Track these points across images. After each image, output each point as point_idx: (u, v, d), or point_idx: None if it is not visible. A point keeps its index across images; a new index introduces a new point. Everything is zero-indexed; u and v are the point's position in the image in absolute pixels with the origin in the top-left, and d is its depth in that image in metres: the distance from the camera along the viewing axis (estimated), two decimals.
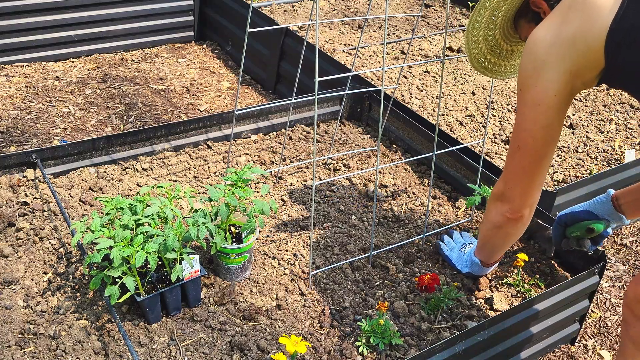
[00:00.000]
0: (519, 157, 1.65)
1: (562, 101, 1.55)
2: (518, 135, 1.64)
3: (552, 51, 1.50)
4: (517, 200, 1.73)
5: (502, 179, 1.75)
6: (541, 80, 1.53)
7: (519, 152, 1.65)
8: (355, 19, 2.23)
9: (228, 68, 3.85)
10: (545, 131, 1.58)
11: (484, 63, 1.90)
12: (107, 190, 2.41)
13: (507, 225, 1.79)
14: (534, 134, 1.59)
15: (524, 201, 1.73)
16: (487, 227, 1.88)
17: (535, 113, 1.56)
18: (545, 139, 1.60)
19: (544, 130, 1.58)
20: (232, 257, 1.98)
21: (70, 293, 1.95)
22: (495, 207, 1.80)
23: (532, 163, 1.65)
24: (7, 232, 2.15)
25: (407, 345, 1.88)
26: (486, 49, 1.85)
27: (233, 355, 1.80)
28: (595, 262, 2.08)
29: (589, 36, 1.44)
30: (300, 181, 2.62)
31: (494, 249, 1.97)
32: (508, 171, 1.72)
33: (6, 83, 3.40)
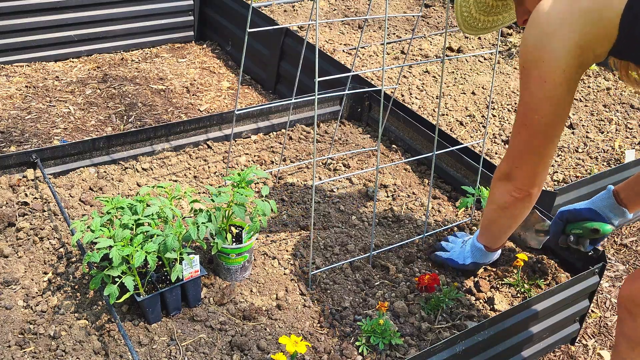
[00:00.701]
0: (526, 136, 1.58)
1: (571, 77, 1.46)
2: (524, 113, 1.56)
3: (562, 24, 1.41)
4: (524, 179, 1.67)
5: (507, 158, 1.69)
6: (548, 55, 1.44)
7: (526, 130, 1.57)
8: (355, 19, 2.23)
9: (228, 68, 3.85)
10: (553, 109, 1.50)
11: (470, 22, 1.82)
12: (107, 190, 2.41)
13: (514, 205, 1.74)
14: (542, 112, 1.51)
15: (532, 180, 1.67)
16: (492, 207, 1.82)
17: (542, 90, 1.48)
18: (553, 117, 1.52)
19: (552, 108, 1.50)
20: (232, 257, 1.98)
21: (70, 293, 1.95)
22: (500, 187, 1.74)
23: (540, 141, 1.57)
24: (7, 232, 2.15)
25: (407, 345, 1.88)
26: (474, 8, 1.78)
27: (233, 355, 1.80)
28: (595, 262, 2.08)
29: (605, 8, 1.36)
30: (300, 181, 2.62)
31: (500, 231, 1.92)
32: (514, 149, 1.65)
33: (6, 83, 3.40)
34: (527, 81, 1.51)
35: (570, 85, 1.48)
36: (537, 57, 1.46)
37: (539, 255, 2.27)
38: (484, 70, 3.78)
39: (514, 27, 4.39)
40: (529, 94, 1.51)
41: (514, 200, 1.72)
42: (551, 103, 1.49)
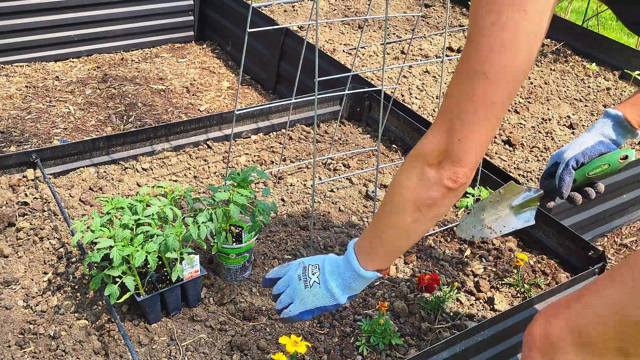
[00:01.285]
0: (484, 90, 1.11)
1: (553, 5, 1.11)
2: (487, 55, 1.09)
3: None
4: (468, 160, 1.17)
5: (442, 130, 1.17)
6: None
7: (485, 81, 1.10)
8: (355, 19, 2.23)
9: (228, 68, 3.85)
10: (529, 47, 1.10)
11: None
12: (107, 190, 2.41)
13: (444, 199, 1.22)
14: (516, 51, 1.09)
15: (476, 160, 1.18)
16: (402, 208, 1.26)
17: (517, 21, 1.07)
18: (528, 57, 1.11)
19: (528, 46, 1.10)
20: (232, 257, 1.98)
21: (70, 293, 1.95)
22: (426, 173, 1.21)
23: (503, 97, 1.13)
24: (7, 232, 2.16)
25: (407, 345, 1.88)
26: None
27: (233, 355, 1.80)
28: (595, 262, 2.08)
29: None
30: (300, 181, 2.62)
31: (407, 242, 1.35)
32: (458, 115, 1.15)
33: (6, 83, 3.40)
34: (493, 11, 1.08)
35: (549, 15, 1.12)
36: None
37: (539, 255, 2.27)
38: None
39: None
40: (497, 27, 1.08)
41: (445, 193, 1.20)
42: (528, 40, 1.09)
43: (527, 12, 1.08)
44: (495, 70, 1.10)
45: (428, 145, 1.20)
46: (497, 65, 1.10)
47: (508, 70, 1.10)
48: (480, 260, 2.25)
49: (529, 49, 1.10)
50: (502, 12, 1.07)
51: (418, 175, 1.22)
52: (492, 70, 1.10)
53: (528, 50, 1.10)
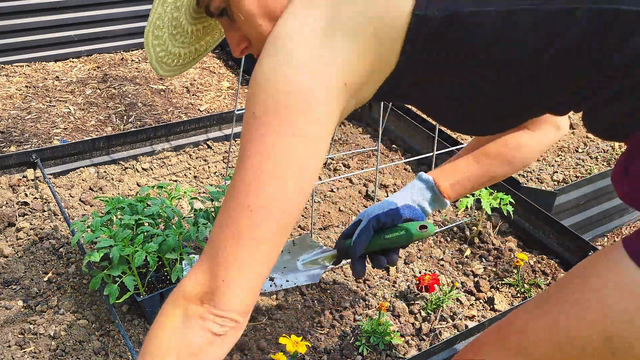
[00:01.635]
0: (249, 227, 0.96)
1: (329, 129, 0.98)
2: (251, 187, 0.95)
3: (320, 52, 0.93)
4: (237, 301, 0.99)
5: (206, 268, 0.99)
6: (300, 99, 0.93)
7: (250, 217, 0.96)
8: None
9: (228, 68, 3.85)
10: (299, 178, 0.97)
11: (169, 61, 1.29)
12: (107, 190, 2.41)
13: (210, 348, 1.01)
14: (283, 182, 0.95)
15: (246, 303, 1.01)
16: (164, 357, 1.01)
17: (286, 150, 0.94)
18: (298, 189, 0.98)
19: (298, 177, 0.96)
20: None
21: (70, 293, 1.95)
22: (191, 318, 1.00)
23: (271, 235, 0.98)
24: (7, 232, 2.16)
25: (407, 345, 1.88)
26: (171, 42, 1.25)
27: (233, 355, 1.80)
28: None
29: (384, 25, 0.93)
30: None
31: None
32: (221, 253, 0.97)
33: (6, 83, 3.40)
34: (258, 138, 0.95)
35: (326, 142, 0.99)
36: (279, 102, 0.93)
37: (539, 255, 2.27)
38: None
39: None
40: (263, 157, 0.95)
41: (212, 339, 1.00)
42: (298, 170, 0.96)
43: (295, 137, 0.95)
44: (261, 203, 0.96)
45: (191, 285, 1.00)
46: (263, 197, 0.95)
47: (276, 202, 0.96)
48: (480, 260, 2.26)
49: (299, 177, 0.97)
50: (267, 137, 0.94)
51: (180, 318, 1.01)
52: (257, 204, 0.95)
53: (298, 178, 0.97)
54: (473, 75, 0.98)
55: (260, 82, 0.95)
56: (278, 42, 0.94)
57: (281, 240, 1.01)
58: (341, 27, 0.93)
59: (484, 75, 0.97)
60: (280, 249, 1.01)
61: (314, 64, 0.93)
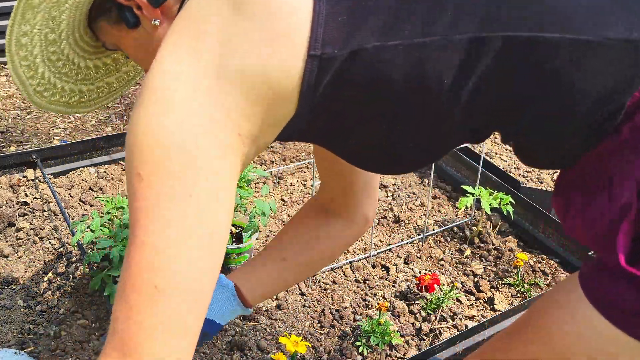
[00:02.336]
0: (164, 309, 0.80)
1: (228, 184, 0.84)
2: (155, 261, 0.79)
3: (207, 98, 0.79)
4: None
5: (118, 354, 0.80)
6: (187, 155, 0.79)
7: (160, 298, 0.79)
8: None
9: None
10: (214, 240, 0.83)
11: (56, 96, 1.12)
12: (107, 190, 2.41)
13: None
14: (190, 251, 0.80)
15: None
16: None
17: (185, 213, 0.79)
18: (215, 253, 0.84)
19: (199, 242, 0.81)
20: (232, 257, 1.98)
21: (70, 293, 1.95)
22: None
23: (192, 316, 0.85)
24: (7, 232, 2.16)
25: (407, 345, 1.88)
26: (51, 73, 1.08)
27: (233, 355, 1.80)
28: None
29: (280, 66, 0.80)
30: (300, 181, 2.62)
31: None
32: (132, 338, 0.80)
33: (6, 83, 3.40)
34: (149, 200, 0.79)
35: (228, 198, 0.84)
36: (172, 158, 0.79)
37: (539, 255, 2.27)
38: None
39: None
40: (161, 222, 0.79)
41: None
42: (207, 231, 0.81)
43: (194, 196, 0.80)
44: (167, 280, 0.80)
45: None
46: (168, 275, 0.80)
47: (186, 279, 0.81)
48: (480, 260, 2.26)
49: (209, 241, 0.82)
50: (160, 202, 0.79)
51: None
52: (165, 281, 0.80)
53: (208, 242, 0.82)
54: (384, 111, 0.88)
55: (142, 137, 0.79)
56: (157, 92, 0.80)
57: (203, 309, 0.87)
58: (229, 77, 0.79)
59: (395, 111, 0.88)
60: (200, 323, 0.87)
61: (201, 116, 0.79)
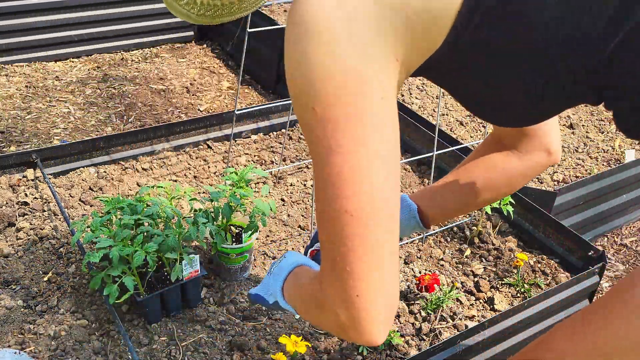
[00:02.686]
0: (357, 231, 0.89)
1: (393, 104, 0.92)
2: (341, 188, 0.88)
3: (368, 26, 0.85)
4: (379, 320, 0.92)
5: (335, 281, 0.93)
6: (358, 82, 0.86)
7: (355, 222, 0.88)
8: None
9: (228, 68, 3.85)
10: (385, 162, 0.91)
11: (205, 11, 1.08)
12: (107, 190, 2.41)
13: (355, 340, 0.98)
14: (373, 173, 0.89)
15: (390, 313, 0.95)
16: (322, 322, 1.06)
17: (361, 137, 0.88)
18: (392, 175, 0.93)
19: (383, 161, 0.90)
20: (232, 257, 1.98)
21: (70, 293, 1.95)
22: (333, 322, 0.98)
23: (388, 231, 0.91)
24: (7, 232, 2.15)
25: (407, 345, 1.88)
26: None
27: (233, 355, 1.80)
28: (595, 262, 2.08)
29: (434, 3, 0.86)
30: (300, 181, 2.62)
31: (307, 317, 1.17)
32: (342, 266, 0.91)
33: (6, 83, 3.40)
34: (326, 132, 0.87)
35: (395, 117, 0.93)
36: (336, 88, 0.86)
37: (539, 255, 2.27)
38: None
39: None
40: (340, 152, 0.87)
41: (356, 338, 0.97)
42: (383, 154, 0.90)
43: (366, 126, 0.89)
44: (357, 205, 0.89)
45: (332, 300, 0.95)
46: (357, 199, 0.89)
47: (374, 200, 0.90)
48: (480, 260, 2.25)
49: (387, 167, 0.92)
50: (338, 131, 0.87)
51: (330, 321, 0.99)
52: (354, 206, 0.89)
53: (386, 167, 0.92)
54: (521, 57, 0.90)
55: (311, 72, 0.85)
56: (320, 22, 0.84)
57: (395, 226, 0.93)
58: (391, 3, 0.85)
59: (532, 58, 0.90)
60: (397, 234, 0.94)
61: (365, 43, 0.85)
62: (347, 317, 0.93)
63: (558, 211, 2.41)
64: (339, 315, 0.94)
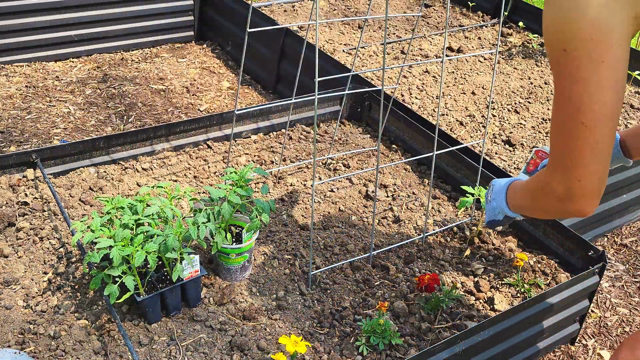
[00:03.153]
0: (587, 136, 1.27)
1: (627, 48, 1.24)
2: (579, 107, 1.26)
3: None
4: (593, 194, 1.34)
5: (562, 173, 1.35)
6: (603, 30, 1.19)
7: (585, 129, 1.27)
8: (355, 19, 2.23)
9: (228, 68, 3.85)
10: (615, 91, 1.25)
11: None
12: (107, 190, 2.41)
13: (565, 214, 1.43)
14: (604, 98, 1.24)
15: (600, 189, 1.35)
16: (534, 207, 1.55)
17: (599, 73, 1.22)
18: (617, 98, 1.26)
19: (614, 91, 1.25)
20: (232, 257, 1.98)
21: (70, 293, 1.95)
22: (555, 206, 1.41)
23: (605, 136, 1.28)
24: (7, 232, 2.16)
25: (407, 345, 1.88)
26: None
27: (233, 355, 1.80)
28: (595, 262, 2.08)
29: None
30: (300, 181, 2.62)
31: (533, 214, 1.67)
32: (571, 161, 1.32)
33: (6, 83, 3.40)
34: (573, 68, 1.24)
35: (626, 58, 1.25)
36: (585, 34, 1.20)
37: (539, 255, 2.27)
38: (484, 70, 3.78)
39: (513, 27, 4.38)
40: (581, 83, 1.24)
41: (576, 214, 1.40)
42: (612, 85, 1.24)
43: (604, 63, 1.22)
44: (590, 119, 1.27)
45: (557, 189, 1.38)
46: (589, 115, 1.27)
47: (604, 115, 1.27)
48: (480, 260, 2.25)
49: (616, 93, 1.26)
50: (581, 67, 1.23)
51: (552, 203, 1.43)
52: (589, 119, 1.28)
53: (615, 93, 1.26)
54: None
55: (565, 21, 1.21)
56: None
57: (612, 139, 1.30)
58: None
59: None
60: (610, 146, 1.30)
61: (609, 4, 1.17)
62: (569, 194, 1.35)
63: None
64: (562, 195, 1.36)
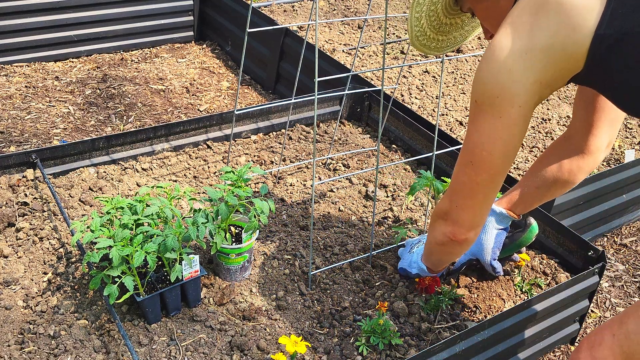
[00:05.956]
0: (471, 174, 1.49)
1: (527, 113, 1.39)
2: (472, 149, 1.47)
3: (520, 62, 1.32)
4: (463, 222, 1.58)
5: (448, 197, 1.60)
6: (505, 92, 1.36)
7: (471, 168, 1.48)
8: (355, 19, 2.23)
9: (228, 68, 3.85)
10: (504, 146, 1.42)
11: (423, 40, 1.75)
12: (107, 190, 2.41)
13: (449, 245, 1.66)
14: (492, 148, 1.43)
15: (470, 223, 1.58)
16: (430, 242, 1.77)
17: (494, 126, 1.40)
18: (504, 154, 1.44)
19: (503, 145, 1.42)
20: (232, 257, 1.98)
21: (70, 293, 1.95)
22: (438, 226, 1.67)
23: (485, 181, 1.49)
24: (7, 232, 2.15)
25: (407, 345, 1.88)
26: (427, 24, 1.70)
27: (233, 355, 1.80)
28: (595, 262, 2.08)
29: (569, 43, 1.27)
30: (300, 181, 2.62)
31: (438, 262, 1.91)
32: (456, 189, 1.56)
33: (6, 83, 3.40)
34: (478, 117, 1.43)
35: (525, 122, 1.41)
36: (492, 93, 1.37)
37: (539, 255, 2.27)
38: None
39: None
40: (479, 130, 1.43)
41: (449, 241, 1.65)
42: (503, 141, 1.42)
43: (502, 119, 1.39)
44: (477, 161, 1.47)
45: (441, 206, 1.64)
46: (478, 157, 1.47)
47: (490, 162, 1.46)
48: None
49: (504, 147, 1.43)
50: (482, 117, 1.42)
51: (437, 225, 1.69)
52: (476, 161, 1.48)
53: (504, 147, 1.43)
54: None
55: (481, 79, 1.39)
56: (494, 53, 1.35)
57: (492, 184, 1.49)
58: (537, 45, 1.30)
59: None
60: (491, 191, 1.51)
61: (517, 70, 1.33)
62: (448, 213, 1.60)
63: (558, 211, 2.41)
64: (443, 213, 1.62)
